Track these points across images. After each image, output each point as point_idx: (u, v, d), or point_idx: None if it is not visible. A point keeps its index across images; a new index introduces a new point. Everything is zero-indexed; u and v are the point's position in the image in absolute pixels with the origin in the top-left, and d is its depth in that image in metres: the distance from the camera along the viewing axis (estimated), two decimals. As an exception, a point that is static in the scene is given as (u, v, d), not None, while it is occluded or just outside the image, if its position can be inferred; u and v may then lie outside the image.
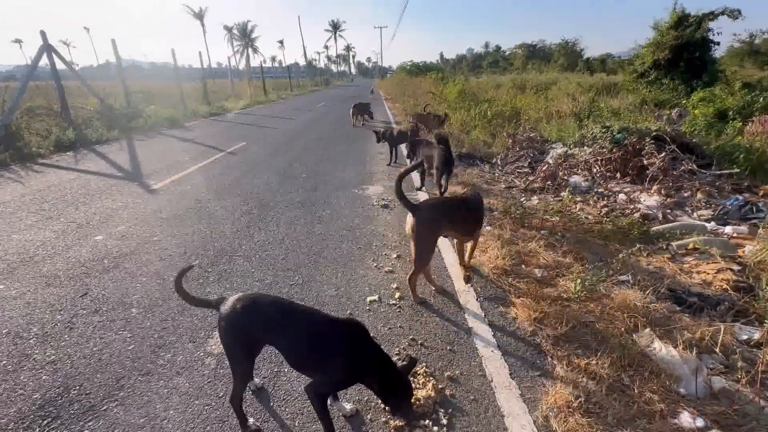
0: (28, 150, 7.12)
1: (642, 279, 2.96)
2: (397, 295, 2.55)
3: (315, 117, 13.95)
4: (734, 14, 13.27)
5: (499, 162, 6.93)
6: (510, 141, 7.70)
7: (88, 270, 2.90)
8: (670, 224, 3.88)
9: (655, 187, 5.02)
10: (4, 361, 1.97)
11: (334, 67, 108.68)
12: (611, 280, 2.86)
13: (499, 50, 69.89)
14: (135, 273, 2.86)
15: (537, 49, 57.37)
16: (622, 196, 5.08)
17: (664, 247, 3.54)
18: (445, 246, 3.29)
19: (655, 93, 13.10)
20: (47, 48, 8.85)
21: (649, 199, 4.81)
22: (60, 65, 9.27)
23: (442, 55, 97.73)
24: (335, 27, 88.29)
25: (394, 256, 3.11)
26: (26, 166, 6.32)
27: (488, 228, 3.64)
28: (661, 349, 2.10)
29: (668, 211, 4.46)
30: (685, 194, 4.93)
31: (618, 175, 5.76)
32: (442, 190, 4.52)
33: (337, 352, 1.43)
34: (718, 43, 14.16)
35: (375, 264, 2.98)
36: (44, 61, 9.13)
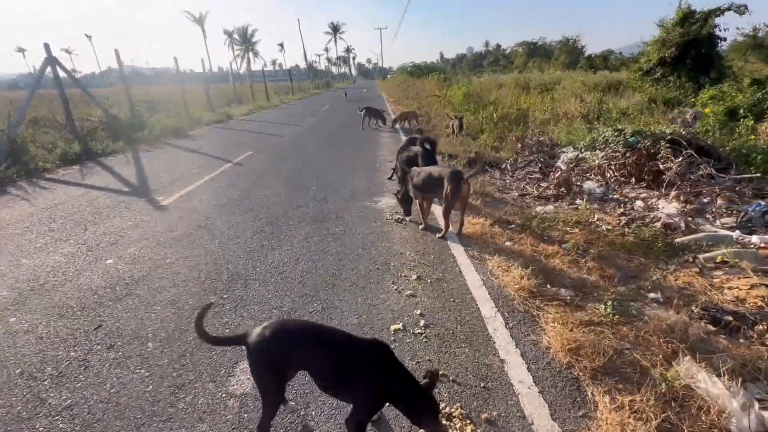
0: (34, 164, 7.07)
1: (671, 296, 2.86)
2: (422, 322, 2.46)
3: (319, 121, 13.89)
4: (741, 9, 13.07)
5: (509, 167, 6.81)
6: (519, 145, 7.59)
7: (100, 298, 2.82)
8: (695, 235, 3.76)
9: (673, 193, 4.91)
10: (19, 407, 1.89)
11: (334, 69, 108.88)
12: (641, 301, 2.76)
13: (500, 49, 69.68)
14: (149, 301, 2.78)
15: (538, 47, 57.13)
16: (639, 202, 4.96)
17: (691, 260, 3.42)
18: (466, 265, 3.19)
19: (662, 91, 12.92)
20: (51, 60, 8.82)
21: (668, 206, 4.68)
22: (63, 74, 9.22)
23: (442, 55, 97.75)
24: (335, 29, 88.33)
25: (414, 277, 3.01)
26: (33, 182, 6.27)
27: (508, 243, 3.54)
28: (705, 381, 1.99)
29: (689, 219, 4.33)
30: (705, 200, 4.80)
31: (633, 180, 5.64)
32: None
33: (363, 373, 1.46)
34: (725, 39, 13.98)
35: (395, 287, 2.89)
36: (48, 69, 9.07)
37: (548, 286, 2.87)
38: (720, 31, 13.46)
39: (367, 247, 3.57)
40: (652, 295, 2.89)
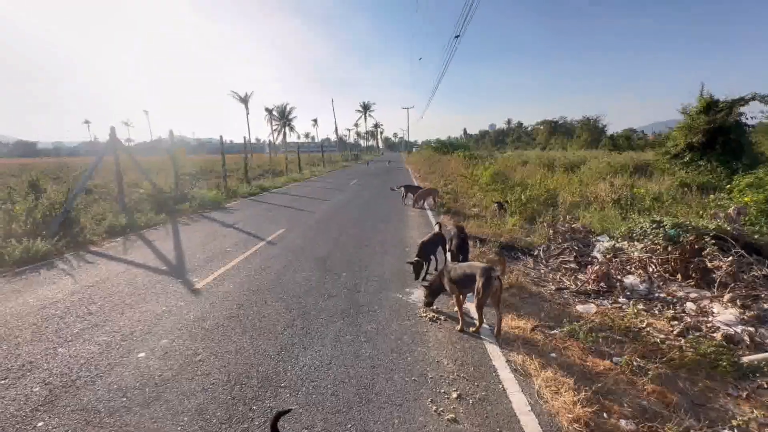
0: (83, 237, 7.49)
1: (752, 435, 2.51)
2: (468, 460, 2.21)
3: (349, 198, 14.36)
4: (766, 99, 13.27)
5: (542, 254, 6.66)
6: (551, 232, 7.48)
7: (129, 402, 2.74)
8: (765, 354, 3.40)
9: (727, 296, 4.57)
10: None
11: (362, 142, 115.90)
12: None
13: (522, 126, 72.81)
14: (176, 408, 2.66)
15: (559, 125, 59.39)
16: (689, 304, 4.64)
17: (765, 385, 3.06)
18: (510, 381, 2.95)
19: (693, 175, 12.81)
20: (114, 142, 9.82)
21: (725, 312, 4.34)
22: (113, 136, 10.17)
23: (465, 131, 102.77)
24: (365, 108, 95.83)
25: (454, 395, 2.79)
26: (79, 255, 6.58)
27: (553, 355, 3.30)
28: None
29: (752, 329, 3.96)
30: (765, 305, 4.43)
31: (678, 276, 5.35)
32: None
33: None
34: (753, 127, 14.07)
35: (434, 407, 2.67)
36: (104, 135, 10.04)
37: (605, 415, 2.58)
38: (747, 119, 13.62)
39: (402, 352, 3.40)
40: (727, 433, 2.54)
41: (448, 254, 5.81)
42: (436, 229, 5.99)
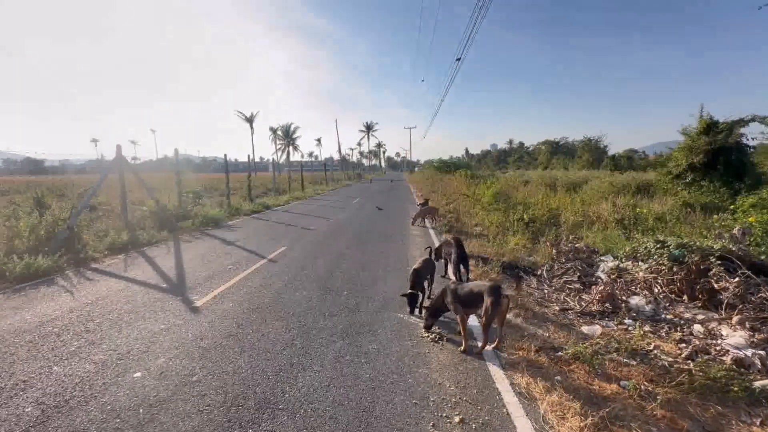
0: (84, 253, 7.48)
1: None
2: (470, 489, 2.12)
3: (350, 215, 14.38)
4: (766, 121, 13.36)
5: (545, 274, 6.58)
6: (554, 251, 7.43)
7: (122, 423, 2.67)
8: (778, 379, 3.30)
9: (735, 319, 4.49)
10: None
11: (365, 161, 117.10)
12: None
13: (523, 146, 73.51)
14: (170, 431, 2.59)
15: (560, 146, 59.92)
16: (697, 326, 4.54)
17: (779, 412, 2.95)
18: (514, 405, 2.86)
19: (696, 195, 12.79)
20: (120, 160, 9.95)
21: (734, 334, 4.25)
22: (118, 155, 10.27)
23: (467, 150, 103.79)
24: (369, 128, 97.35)
25: (457, 419, 2.70)
26: (79, 272, 6.56)
27: (558, 378, 3.21)
28: None
29: (762, 353, 3.86)
30: (775, 328, 4.33)
31: (685, 298, 5.26)
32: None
33: None
34: (754, 147, 14.14)
35: (436, 432, 2.58)
36: (110, 153, 10.20)
37: (614, 443, 2.49)
38: (747, 139, 13.70)
39: (403, 373, 3.32)
40: (742, 462, 2.44)
41: (450, 271, 5.95)
42: (431, 251, 5.98)
